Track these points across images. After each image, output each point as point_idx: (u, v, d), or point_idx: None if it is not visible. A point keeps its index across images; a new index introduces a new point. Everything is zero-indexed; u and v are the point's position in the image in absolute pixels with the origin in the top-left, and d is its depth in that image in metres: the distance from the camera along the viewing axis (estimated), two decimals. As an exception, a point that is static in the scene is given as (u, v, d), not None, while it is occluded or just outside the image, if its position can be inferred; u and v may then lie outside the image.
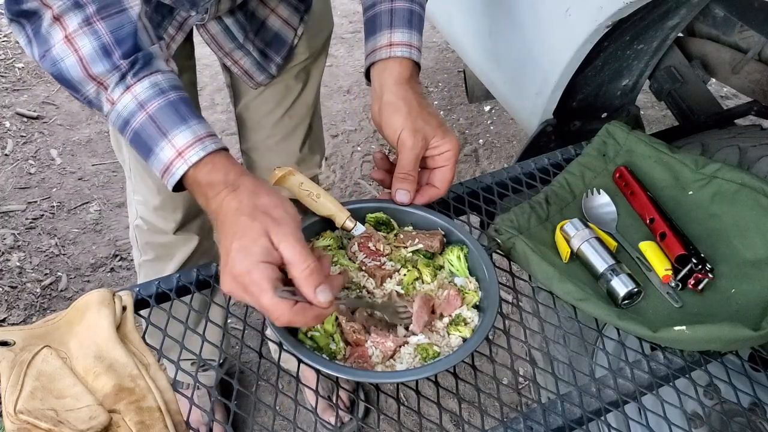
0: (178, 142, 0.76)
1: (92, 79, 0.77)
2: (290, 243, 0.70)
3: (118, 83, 0.77)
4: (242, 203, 0.73)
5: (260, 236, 0.70)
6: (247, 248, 0.69)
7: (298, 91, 1.26)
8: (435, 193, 0.91)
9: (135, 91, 0.77)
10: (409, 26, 0.93)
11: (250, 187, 0.75)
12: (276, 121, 1.28)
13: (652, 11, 1.11)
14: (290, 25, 1.15)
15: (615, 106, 1.34)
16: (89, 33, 0.75)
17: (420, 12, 0.96)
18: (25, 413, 0.66)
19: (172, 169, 0.77)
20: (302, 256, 0.69)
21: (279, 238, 0.70)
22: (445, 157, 0.90)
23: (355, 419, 1.61)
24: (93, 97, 0.80)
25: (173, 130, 0.76)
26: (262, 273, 0.68)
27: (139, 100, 0.77)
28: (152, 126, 0.77)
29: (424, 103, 0.92)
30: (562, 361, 0.93)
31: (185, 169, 0.76)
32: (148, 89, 0.77)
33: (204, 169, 0.76)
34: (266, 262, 0.69)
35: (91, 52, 0.75)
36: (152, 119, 0.77)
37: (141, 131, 0.78)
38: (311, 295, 0.69)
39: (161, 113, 0.77)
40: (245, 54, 1.13)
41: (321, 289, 0.69)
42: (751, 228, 0.92)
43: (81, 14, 0.75)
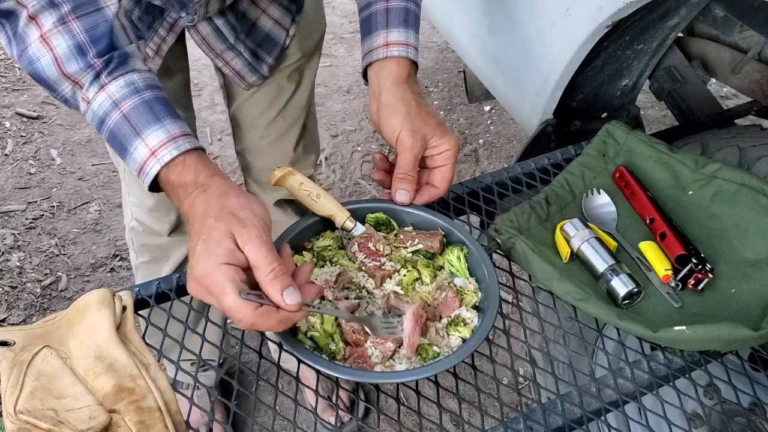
0: (151, 141, 0.76)
1: (67, 78, 0.77)
2: (255, 245, 0.68)
3: (93, 82, 0.77)
4: (210, 204, 0.72)
5: (224, 237, 0.68)
6: (210, 250, 0.68)
7: (291, 91, 1.26)
8: (435, 193, 0.91)
9: (109, 90, 0.77)
10: (405, 25, 0.93)
11: (219, 188, 0.74)
12: (269, 121, 1.28)
13: (652, 11, 1.11)
14: (282, 26, 1.15)
15: (615, 106, 1.34)
16: (64, 32, 0.75)
17: (416, 10, 0.96)
18: (25, 413, 0.66)
19: (146, 169, 0.76)
20: (267, 259, 0.68)
21: (244, 239, 0.68)
22: (445, 156, 0.90)
23: (355, 419, 1.61)
24: (69, 96, 0.79)
25: (147, 129, 0.76)
26: (223, 274, 0.66)
27: (114, 99, 0.77)
28: (126, 125, 0.76)
29: (423, 103, 0.91)
30: (562, 361, 0.93)
31: (158, 169, 0.76)
32: (123, 88, 0.77)
33: (176, 170, 0.76)
34: (228, 264, 0.67)
35: (65, 51, 0.75)
36: (126, 118, 0.76)
37: (116, 130, 0.77)
38: (277, 297, 0.67)
39: (135, 112, 0.76)
40: (236, 55, 1.13)
41: (288, 292, 0.67)
42: (751, 228, 0.92)
43: (56, 13, 0.75)
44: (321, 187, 0.93)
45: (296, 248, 0.88)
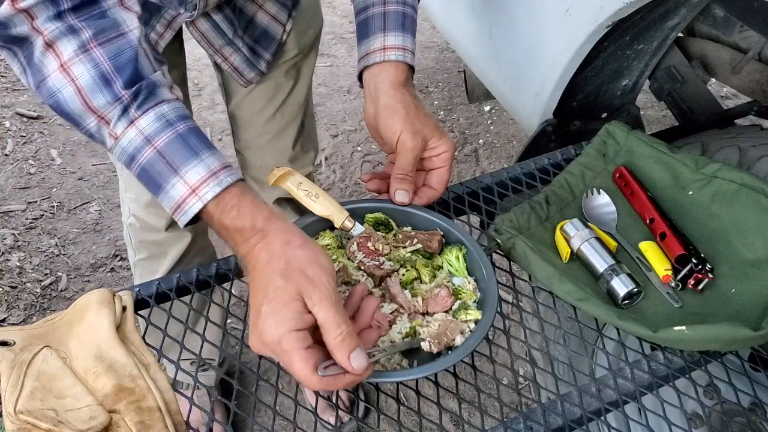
0: (191, 178, 0.72)
1: (93, 113, 0.72)
2: (325, 307, 0.66)
3: (121, 117, 0.72)
4: (274, 255, 0.69)
5: (293, 300, 0.66)
6: (278, 313, 0.65)
7: (288, 88, 1.26)
8: (433, 195, 0.91)
9: (140, 125, 0.72)
10: (402, 29, 0.92)
11: (282, 236, 0.71)
12: (267, 119, 1.28)
13: (652, 11, 1.11)
14: (278, 21, 1.15)
15: (615, 106, 1.34)
16: (86, 61, 0.70)
17: (412, 14, 0.96)
18: (25, 413, 0.66)
19: (185, 207, 0.73)
20: (336, 322, 0.65)
21: (314, 301, 0.66)
22: (443, 158, 0.90)
23: (355, 419, 1.61)
24: (94, 131, 0.75)
25: (185, 165, 0.72)
26: (292, 343, 0.64)
27: (146, 135, 0.72)
28: (161, 162, 0.72)
29: (420, 106, 0.92)
30: (562, 361, 0.93)
31: (200, 207, 0.72)
32: (155, 122, 0.72)
33: (230, 214, 0.72)
34: (297, 330, 0.65)
35: (89, 83, 0.70)
36: (161, 154, 0.72)
37: (149, 167, 0.73)
38: (345, 362, 0.65)
39: (171, 147, 0.72)
40: (235, 50, 1.14)
41: (354, 355, 0.65)
42: (751, 228, 0.92)
43: (76, 40, 0.70)
44: (321, 187, 0.93)
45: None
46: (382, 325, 0.80)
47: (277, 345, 0.65)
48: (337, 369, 0.66)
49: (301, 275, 0.67)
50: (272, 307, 0.66)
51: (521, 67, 1.28)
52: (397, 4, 0.94)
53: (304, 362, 0.64)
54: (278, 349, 0.65)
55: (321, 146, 2.42)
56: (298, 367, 0.64)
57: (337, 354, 0.65)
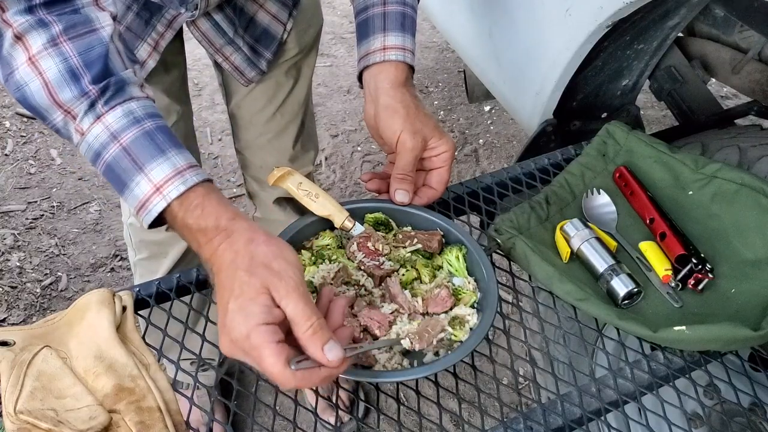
0: (155, 176, 0.70)
1: (59, 107, 0.71)
2: (293, 299, 0.63)
3: (88, 112, 0.71)
4: (238, 254, 0.66)
5: (259, 294, 0.63)
6: (245, 308, 0.63)
7: (289, 87, 1.26)
8: (433, 195, 0.91)
9: (107, 121, 0.71)
10: (402, 29, 0.92)
11: (245, 234, 0.68)
12: (268, 118, 1.28)
13: (652, 11, 1.11)
14: (279, 21, 1.16)
15: (615, 106, 1.34)
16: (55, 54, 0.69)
17: (412, 14, 0.95)
18: (25, 413, 0.66)
19: (149, 206, 0.71)
20: (305, 314, 0.63)
21: (281, 294, 0.64)
22: (442, 158, 0.90)
23: (355, 419, 1.61)
24: (61, 126, 0.73)
25: (150, 162, 0.70)
26: (261, 337, 0.62)
27: (112, 131, 0.70)
28: (126, 158, 0.70)
29: (420, 106, 0.92)
30: (562, 361, 0.93)
31: (164, 205, 0.70)
32: (122, 118, 0.71)
33: (194, 213, 0.70)
34: (266, 324, 0.62)
35: (57, 76, 0.69)
36: (126, 151, 0.70)
37: (114, 164, 0.71)
38: (319, 355, 0.63)
39: (136, 144, 0.70)
40: (235, 50, 1.14)
41: (329, 347, 0.63)
42: (751, 228, 0.92)
43: (46, 34, 0.68)
44: (321, 186, 0.93)
45: (295, 247, 0.88)
46: (383, 325, 0.80)
47: (246, 341, 0.62)
48: (311, 363, 0.63)
49: (266, 269, 0.65)
50: (239, 303, 0.63)
51: (521, 67, 1.28)
52: (396, 4, 0.94)
53: (276, 356, 0.61)
54: (247, 345, 0.62)
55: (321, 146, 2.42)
56: (269, 362, 0.61)
57: (309, 347, 0.63)
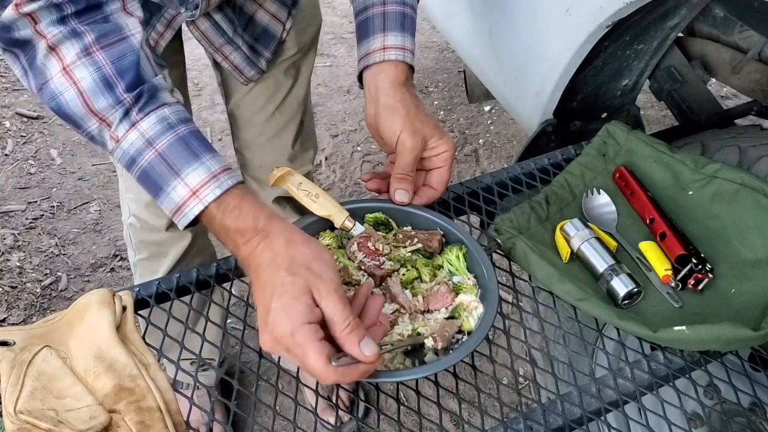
0: (191, 180, 0.73)
1: (94, 115, 0.73)
2: (332, 300, 0.67)
3: (123, 119, 0.73)
4: (278, 254, 0.69)
5: (302, 294, 0.66)
6: (289, 307, 0.66)
7: (288, 87, 1.27)
8: (433, 195, 0.92)
9: (142, 128, 0.73)
10: (402, 29, 0.93)
11: (283, 234, 0.71)
12: (267, 117, 1.28)
13: (652, 11, 1.11)
14: (278, 20, 1.16)
15: (615, 106, 1.34)
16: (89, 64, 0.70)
17: (412, 14, 0.96)
18: (25, 413, 0.66)
19: (185, 209, 0.73)
20: (343, 315, 0.66)
21: (321, 294, 0.67)
22: (443, 158, 0.90)
23: (355, 419, 1.61)
24: (96, 133, 0.75)
25: (186, 167, 0.73)
26: (305, 336, 0.65)
27: (147, 137, 0.73)
28: (162, 164, 0.73)
29: (420, 105, 0.92)
30: (562, 361, 0.93)
31: (201, 209, 0.73)
32: (156, 125, 0.73)
33: (231, 215, 0.73)
34: (309, 323, 0.65)
35: (91, 85, 0.71)
36: (162, 157, 0.73)
37: (150, 170, 0.74)
38: (356, 351, 0.66)
39: (171, 150, 0.73)
40: (235, 49, 1.14)
41: (365, 343, 0.66)
42: (751, 228, 0.92)
43: (79, 44, 0.70)
44: (321, 186, 0.93)
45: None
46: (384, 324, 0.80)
47: (290, 338, 0.65)
48: (349, 360, 0.67)
49: (308, 270, 0.67)
50: (283, 302, 0.66)
51: (521, 67, 1.28)
52: (396, 4, 0.94)
53: (319, 354, 0.64)
54: (292, 343, 0.65)
55: (321, 146, 2.42)
56: (313, 359, 0.64)
57: (347, 344, 0.66)
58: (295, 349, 0.65)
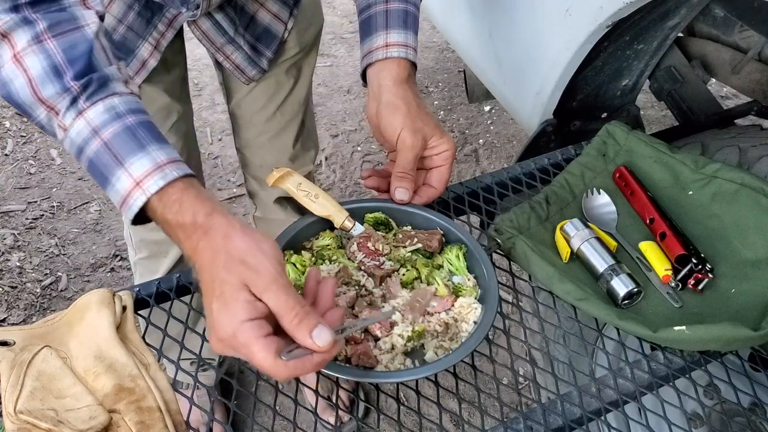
0: (135, 171, 0.69)
1: (42, 103, 0.71)
2: (272, 292, 0.63)
3: (70, 107, 0.71)
4: (216, 252, 0.66)
5: (239, 291, 0.63)
6: (228, 307, 0.63)
7: (289, 87, 1.27)
8: (433, 193, 0.91)
9: (88, 116, 0.70)
10: (404, 26, 0.93)
11: (222, 229, 0.67)
12: (268, 117, 1.28)
13: (652, 11, 1.11)
14: (280, 20, 1.16)
15: (615, 106, 1.34)
16: (39, 51, 0.69)
17: (415, 12, 0.96)
18: (25, 413, 0.66)
19: (130, 201, 0.70)
20: (288, 305, 0.63)
21: (259, 288, 0.63)
22: (443, 157, 0.90)
23: (355, 419, 1.61)
24: (45, 122, 0.73)
25: (130, 157, 0.69)
26: (248, 334, 0.62)
27: (93, 126, 0.70)
28: (107, 154, 0.70)
29: (422, 104, 0.92)
30: (562, 361, 0.93)
31: (144, 200, 0.69)
32: (103, 113, 0.70)
33: (172, 209, 0.70)
34: (250, 320, 0.62)
35: (40, 73, 0.69)
36: (107, 146, 0.70)
37: (96, 160, 0.71)
38: (308, 342, 0.63)
39: (117, 140, 0.70)
40: (236, 48, 1.14)
41: (317, 333, 0.62)
42: (751, 228, 0.92)
43: (30, 31, 0.69)
44: (321, 187, 0.93)
45: (295, 248, 0.89)
46: (384, 325, 0.80)
47: (233, 339, 0.62)
48: (303, 352, 0.63)
49: (242, 265, 0.64)
50: (221, 302, 0.63)
51: (521, 67, 1.28)
52: (399, 2, 0.94)
53: (265, 350, 0.61)
54: (236, 343, 0.62)
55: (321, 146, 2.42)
56: (259, 356, 0.62)
57: (297, 335, 0.63)
58: (241, 348, 0.63)
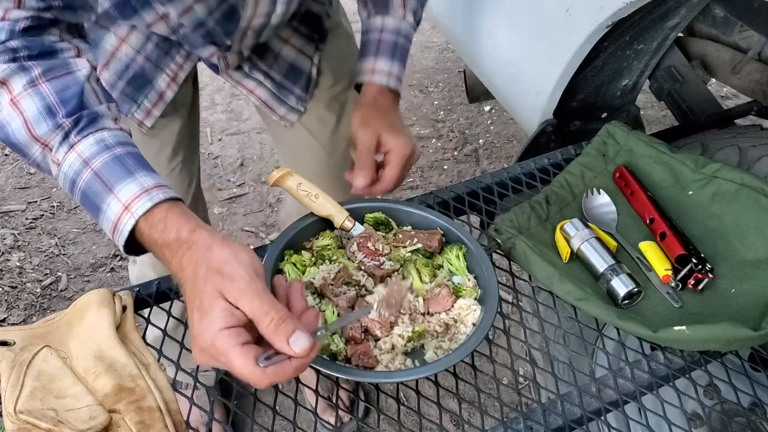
0: (124, 195, 0.71)
1: (36, 141, 0.74)
2: (248, 299, 0.63)
3: (62, 142, 0.74)
4: (198, 264, 0.67)
5: (215, 299, 0.64)
6: (206, 316, 0.64)
7: (333, 123, 1.21)
8: (382, 189, 0.96)
9: (79, 149, 0.73)
10: (391, 57, 1.05)
11: (205, 243, 0.69)
12: (315, 156, 1.23)
13: (652, 11, 1.11)
14: (305, 55, 1.13)
15: (615, 106, 1.34)
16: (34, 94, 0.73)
17: (404, 44, 1.07)
18: (25, 413, 0.66)
19: (120, 226, 0.71)
20: (263, 310, 0.63)
21: (234, 296, 0.64)
22: (392, 155, 0.96)
23: (355, 419, 1.61)
24: (40, 159, 0.76)
25: (119, 183, 0.72)
26: (224, 342, 0.62)
27: (84, 158, 0.73)
28: (98, 182, 0.73)
29: (386, 109, 0.99)
30: (562, 361, 0.93)
31: (132, 223, 0.71)
32: (93, 146, 0.73)
33: (158, 228, 0.71)
34: (228, 328, 0.63)
35: (35, 114, 0.73)
36: (97, 175, 0.73)
37: (88, 190, 0.73)
38: (285, 347, 0.63)
39: (106, 168, 0.73)
40: (258, 84, 1.12)
41: (294, 339, 0.63)
42: (751, 228, 0.92)
43: (26, 77, 0.73)
44: (321, 187, 0.93)
45: (295, 248, 0.89)
46: (384, 325, 0.80)
47: (212, 348, 0.63)
48: (282, 357, 0.64)
49: (218, 274, 0.65)
50: (200, 312, 0.64)
51: (521, 67, 1.28)
52: (391, 33, 1.05)
53: (243, 358, 0.62)
54: (214, 352, 0.63)
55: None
56: (238, 364, 0.62)
57: (275, 341, 0.63)
58: (220, 357, 0.63)
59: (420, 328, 0.80)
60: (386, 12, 1.06)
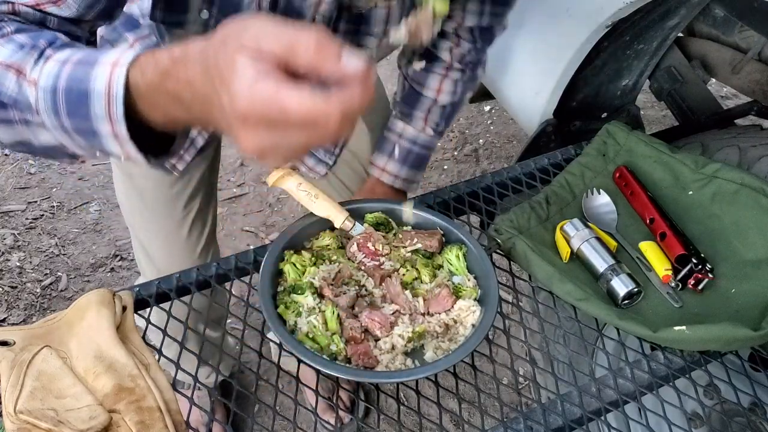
0: (109, 57, 0.63)
1: (9, 68, 0.67)
2: (271, 33, 0.50)
3: (38, 60, 0.67)
4: (201, 59, 0.55)
5: (236, 55, 0.50)
6: (234, 77, 0.50)
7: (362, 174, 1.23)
8: None
9: (56, 57, 0.67)
10: (403, 162, 1.14)
11: (199, 44, 0.55)
12: None
13: (652, 11, 1.11)
14: None
15: (615, 106, 1.34)
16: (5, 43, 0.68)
17: (419, 152, 1.15)
18: (25, 413, 0.66)
19: (113, 87, 0.62)
20: (294, 36, 0.49)
21: (254, 37, 0.50)
22: None
23: (355, 419, 1.61)
24: (16, 92, 0.68)
25: (103, 54, 0.64)
26: (268, 85, 0.49)
27: (62, 60, 0.66)
28: (81, 67, 0.65)
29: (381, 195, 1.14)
30: (562, 361, 0.93)
31: (124, 73, 0.61)
32: (72, 51, 0.67)
33: (149, 68, 0.60)
34: (264, 72, 0.49)
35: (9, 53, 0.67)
36: (79, 63, 0.65)
37: (71, 81, 0.65)
38: (337, 69, 0.49)
39: (87, 54, 0.66)
40: None
41: (345, 57, 0.49)
42: (751, 228, 0.92)
43: None
44: (320, 187, 0.93)
45: (295, 248, 0.89)
46: (384, 325, 0.80)
47: (255, 105, 0.49)
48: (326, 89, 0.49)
49: (227, 40, 0.52)
50: (225, 83, 0.51)
51: (521, 67, 1.28)
52: (408, 141, 1.14)
53: (297, 90, 0.48)
54: (261, 107, 0.49)
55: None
56: (295, 100, 0.48)
57: (323, 64, 0.49)
58: (270, 108, 0.49)
59: (420, 328, 0.80)
60: (409, 120, 1.14)
